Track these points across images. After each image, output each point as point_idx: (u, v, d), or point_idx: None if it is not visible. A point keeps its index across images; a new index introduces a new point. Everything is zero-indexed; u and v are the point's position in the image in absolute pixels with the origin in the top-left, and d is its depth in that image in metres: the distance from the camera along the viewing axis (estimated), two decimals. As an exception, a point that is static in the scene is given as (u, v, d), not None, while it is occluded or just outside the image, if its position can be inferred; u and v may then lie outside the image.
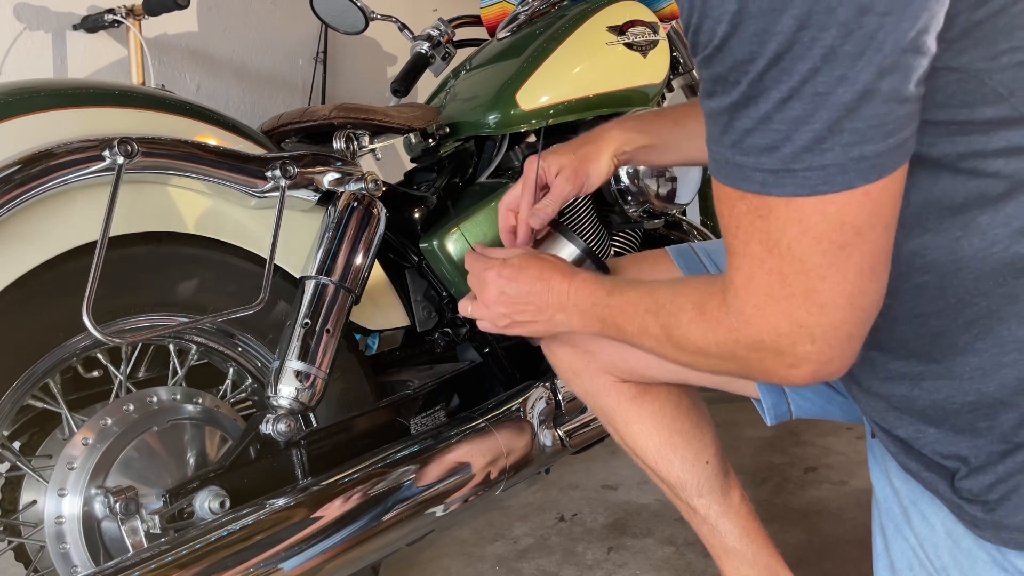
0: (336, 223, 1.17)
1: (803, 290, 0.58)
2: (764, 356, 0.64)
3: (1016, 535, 0.64)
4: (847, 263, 0.57)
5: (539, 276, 0.93)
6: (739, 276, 0.62)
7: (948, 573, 0.71)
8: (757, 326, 0.62)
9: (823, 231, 0.56)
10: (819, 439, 2.11)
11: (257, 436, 1.12)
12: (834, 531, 1.63)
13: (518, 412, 1.38)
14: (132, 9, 1.95)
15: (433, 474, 1.21)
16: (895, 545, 0.78)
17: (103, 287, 0.92)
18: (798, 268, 0.58)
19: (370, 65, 2.82)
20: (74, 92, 1.02)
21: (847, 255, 0.56)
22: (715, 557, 1.18)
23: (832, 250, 0.56)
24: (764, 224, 0.58)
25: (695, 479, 1.13)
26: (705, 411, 1.18)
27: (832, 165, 0.53)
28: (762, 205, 0.57)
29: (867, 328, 0.61)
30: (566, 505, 1.83)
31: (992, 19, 0.53)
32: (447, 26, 1.76)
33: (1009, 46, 0.54)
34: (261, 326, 1.17)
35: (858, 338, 0.61)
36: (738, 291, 0.63)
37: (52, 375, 1.05)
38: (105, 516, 1.03)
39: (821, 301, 0.58)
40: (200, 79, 2.33)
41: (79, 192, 0.99)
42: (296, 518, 1.05)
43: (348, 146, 1.27)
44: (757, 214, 0.58)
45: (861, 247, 0.56)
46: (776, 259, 0.58)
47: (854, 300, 0.59)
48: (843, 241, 0.56)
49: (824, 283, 0.58)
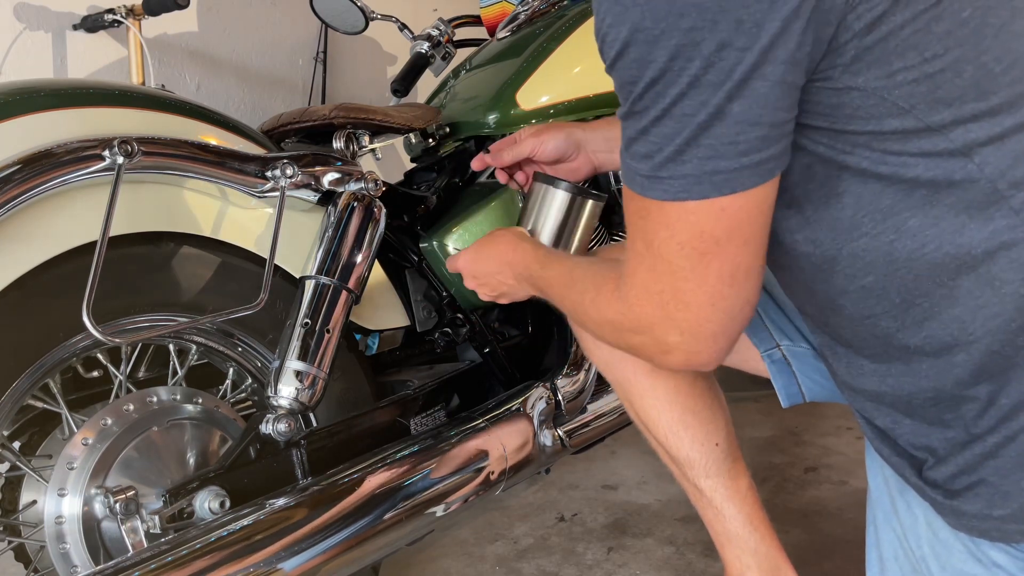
0: (336, 223, 1.17)
1: (671, 288, 0.66)
2: (643, 340, 0.72)
3: (974, 522, 0.67)
4: (707, 269, 0.64)
5: (494, 255, 1.05)
6: (627, 267, 0.71)
7: (927, 563, 0.74)
8: (637, 313, 0.71)
9: (685, 238, 0.64)
10: (819, 439, 2.11)
11: (257, 436, 1.12)
12: (834, 531, 1.63)
13: (518, 412, 1.38)
14: (132, 9, 1.95)
15: (433, 474, 1.21)
16: (883, 535, 0.81)
17: (103, 287, 0.92)
18: (666, 268, 0.66)
19: (370, 65, 2.82)
20: (74, 92, 1.02)
21: (707, 262, 0.64)
22: (718, 545, 1.18)
23: (694, 256, 0.64)
24: (644, 224, 0.66)
25: (704, 458, 1.14)
26: (720, 396, 1.19)
27: (690, 175, 0.60)
28: (643, 207, 0.65)
29: (737, 328, 0.68)
30: (566, 505, 1.83)
31: (882, 43, 0.58)
32: (447, 26, 1.76)
33: (903, 65, 0.58)
34: (261, 326, 1.17)
35: (724, 336, 0.68)
36: (625, 280, 0.71)
37: (52, 375, 1.05)
38: (105, 516, 1.03)
39: (686, 300, 0.66)
40: (200, 79, 2.33)
41: (79, 192, 0.99)
42: (296, 518, 1.05)
43: (348, 146, 1.27)
44: (640, 214, 0.66)
45: (720, 256, 0.64)
46: (651, 257, 0.67)
47: (716, 302, 0.66)
48: (703, 249, 0.64)
49: (688, 284, 0.65)
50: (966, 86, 0.59)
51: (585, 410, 1.48)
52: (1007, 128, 0.60)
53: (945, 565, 0.73)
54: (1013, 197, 0.60)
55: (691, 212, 0.62)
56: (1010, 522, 0.65)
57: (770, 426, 2.22)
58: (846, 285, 0.67)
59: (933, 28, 0.58)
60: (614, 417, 1.54)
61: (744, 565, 1.15)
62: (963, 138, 0.60)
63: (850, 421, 2.14)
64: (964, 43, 0.58)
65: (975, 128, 0.60)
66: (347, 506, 1.09)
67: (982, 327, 0.63)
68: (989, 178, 0.60)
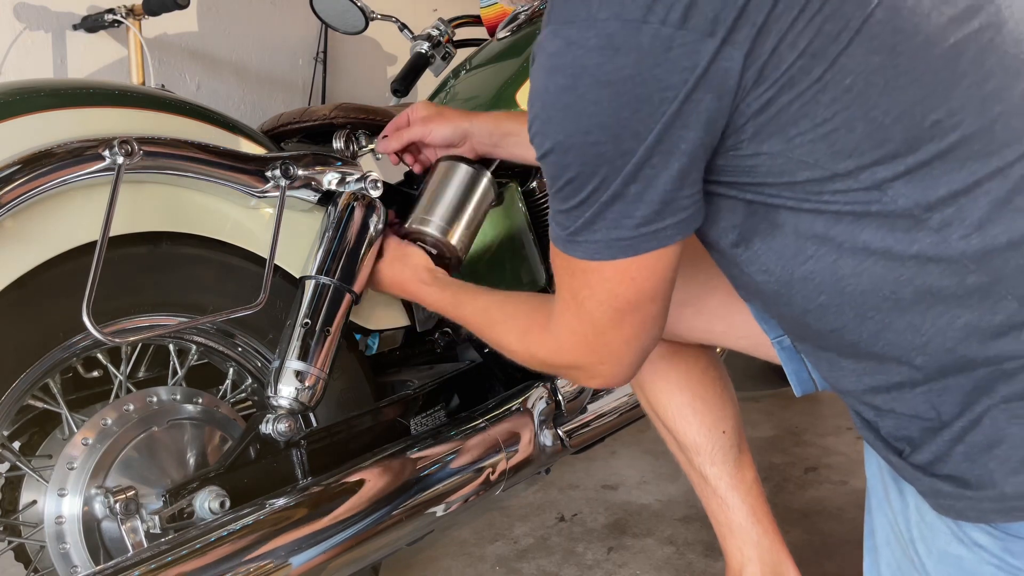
0: (336, 223, 1.17)
1: (594, 333, 0.80)
2: (571, 371, 0.89)
3: (951, 502, 0.71)
4: (623, 322, 0.78)
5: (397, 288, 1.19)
6: (557, 311, 0.84)
7: (916, 546, 0.78)
8: (568, 351, 0.85)
9: (604, 298, 0.76)
10: (819, 439, 2.11)
11: (257, 436, 1.12)
12: (834, 531, 1.63)
13: (518, 412, 1.38)
14: (132, 9, 1.95)
15: (433, 474, 1.21)
16: (877, 521, 0.84)
17: (103, 287, 0.92)
18: (589, 319, 0.79)
19: (370, 65, 2.82)
20: (74, 92, 1.02)
21: (622, 317, 0.78)
22: (720, 537, 1.18)
23: (611, 312, 0.77)
24: (570, 280, 0.79)
25: (710, 445, 1.16)
26: (730, 387, 1.21)
27: (600, 241, 0.72)
28: (567, 263, 0.77)
29: (647, 354, 0.84)
30: (566, 505, 1.83)
31: (776, 118, 0.66)
32: (447, 26, 1.76)
33: (798, 132, 0.66)
34: (261, 326, 1.17)
35: (638, 363, 0.84)
36: (555, 321, 0.85)
37: (52, 375, 1.05)
38: (105, 516, 1.03)
39: (607, 342, 0.81)
40: (200, 79, 2.33)
41: (79, 192, 0.99)
42: (296, 518, 1.05)
43: (348, 146, 1.27)
44: (566, 271, 0.78)
45: (633, 313, 0.77)
46: (577, 307, 0.80)
47: (631, 343, 0.81)
48: (618, 307, 0.77)
49: (607, 333, 0.80)
50: (860, 139, 0.65)
51: (585, 410, 1.48)
52: (910, 166, 0.65)
53: (931, 548, 0.76)
54: (930, 219, 0.66)
55: (606, 277, 0.75)
56: (984, 502, 0.69)
57: (770, 426, 2.22)
58: (805, 305, 0.75)
59: (820, 99, 0.64)
60: (614, 417, 1.54)
61: (745, 557, 1.15)
62: (871, 179, 0.66)
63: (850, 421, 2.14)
64: (851, 105, 0.64)
65: (880, 170, 0.66)
66: (347, 506, 1.09)
67: (932, 326, 0.69)
68: (903, 207, 0.66)
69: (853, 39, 0.63)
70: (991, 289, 0.67)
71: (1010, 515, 0.69)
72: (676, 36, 0.62)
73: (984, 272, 0.66)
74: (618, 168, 0.67)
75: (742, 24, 0.62)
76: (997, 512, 0.69)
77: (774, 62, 0.63)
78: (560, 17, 0.67)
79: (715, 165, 0.71)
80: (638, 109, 0.65)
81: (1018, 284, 0.66)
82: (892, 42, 0.64)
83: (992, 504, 0.69)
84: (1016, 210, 0.65)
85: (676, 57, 0.63)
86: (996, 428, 0.68)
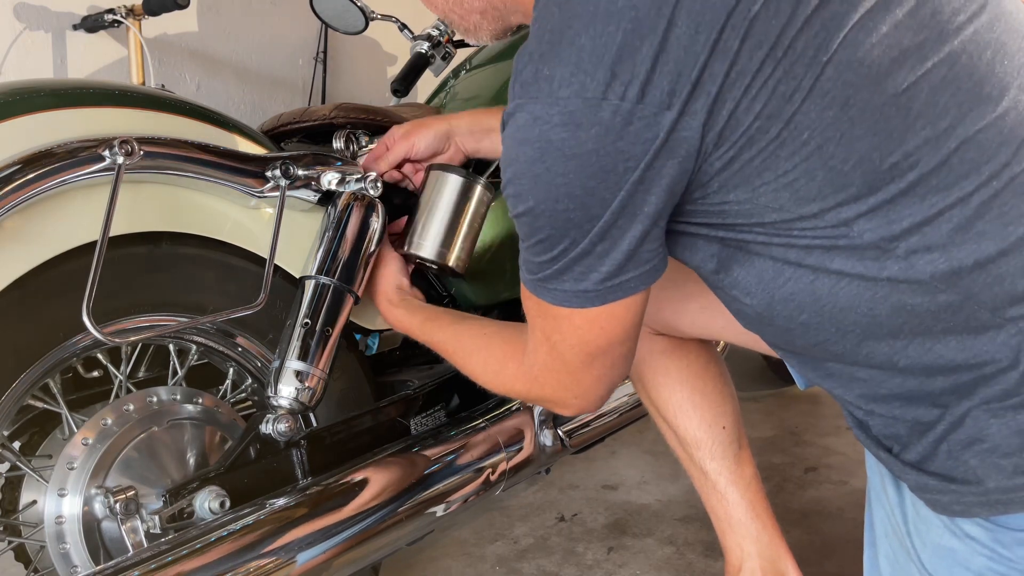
0: (336, 223, 1.17)
1: (567, 372, 0.85)
2: (545, 403, 0.93)
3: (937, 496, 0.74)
4: (593, 363, 0.83)
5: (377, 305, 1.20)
6: (531, 349, 0.88)
7: (911, 539, 0.81)
8: (542, 385, 0.89)
9: (574, 342, 0.81)
10: (819, 439, 2.11)
11: (257, 436, 1.12)
12: (834, 531, 1.63)
13: (518, 412, 1.38)
14: (132, 9, 1.95)
15: (433, 474, 1.21)
16: (876, 513, 0.86)
17: (103, 287, 0.92)
18: (561, 359, 0.84)
19: (370, 65, 2.82)
20: (74, 92, 1.02)
21: (592, 359, 0.82)
22: (720, 533, 1.19)
23: (582, 356, 0.82)
24: (542, 322, 0.83)
25: (710, 440, 1.17)
26: (730, 383, 1.22)
27: (569, 291, 0.76)
28: (539, 306, 0.80)
29: (616, 385, 0.89)
30: (566, 505, 1.83)
31: (739, 172, 0.68)
32: (447, 26, 1.76)
33: (761, 182, 0.68)
34: (261, 326, 1.17)
35: (607, 394, 0.89)
36: (529, 359, 0.89)
37: (52, 375, 1.05)
38: (105, 516, 1.03)
39: (577, 379, 0.85)
40: (200, 79, 2.33)
41: (79, 192, 0.99)
42: (296, 518, 1.05)
43: (348, 146, 1.27)
44: (538, 313, 0.82)
45: (603, 356, 0.82)
46: (548, 347, 0.84)
47: (601, 381, 0.86)
48: (589, 351, 0.81)
49: (578, 373, 0.84)
50: (822, 185, 0.68)
51: (585, 410, 1.48)
52: (872, 205, 0.68)
53: (925, 540, 0.78)
54: (896, 248, 0.69)
55: (576, 324, 0.79)
56: (968, 496, 0.72)
57: (770, 426, 2.22)
58: (788, 324, 0.77)
59: (779, 153, 0.67)
60: (614, 417, 1.54)
61: (745, 553, 1.16)
62: (835, 218, 0.69)
63: (850, 421, 2.14)
64: (809, 157, 0.67)
65: (844, 210, 0.68)
66: (347, 506, 1.09)
67: (911, 336, 0.72)
68: (870, 240, 0.69)
69: (806, 98, 0.65)
70: (963, 304, 0.69)
71: (993, 508, 0.71)
72: (635, 111, 0.65)
73: (954, 291, 0.69)
74: (586, 231, 0.71)
75: (697, 95, 0.65)
76: (981, 506, 0.72)
77: (732, 125, 0.66)
78: (524, 93, 0.70)
79: (684, 209, 0.74)
80: (604, 179, 0.68)
81: (988, 299, 0.69)
82: (844, 96, 0.66)
83: (976, 498, 0.72)
84: (979, 234, 0.68)
85: (636, 131, 0.66)
86: (977, 427, 0.71)
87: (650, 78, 0.64)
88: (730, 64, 0.64)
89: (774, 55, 0.65)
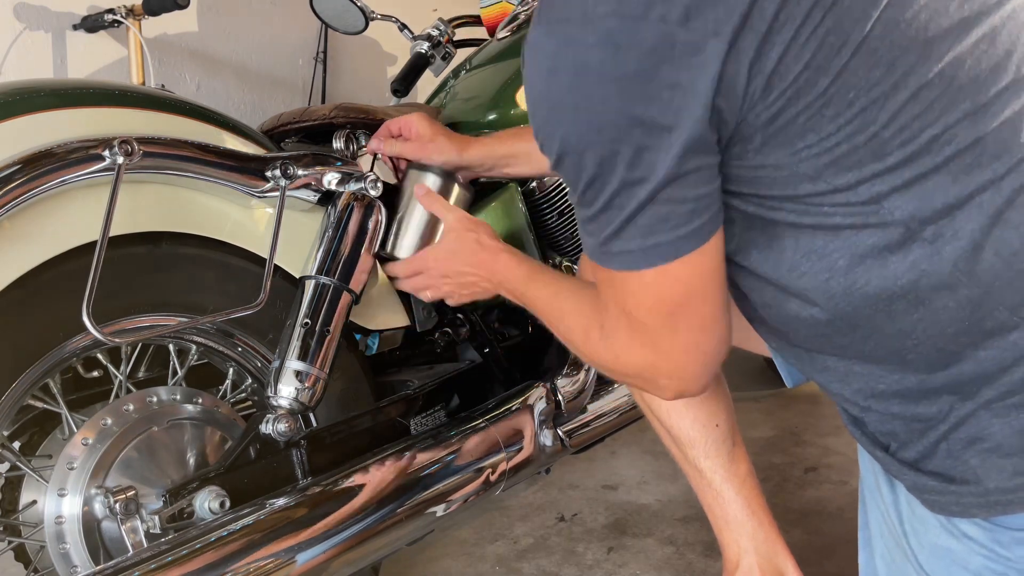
0: (336, 223, 1.17)
1: (649, 342, 0.76)
2: (636, 380, 0.84)
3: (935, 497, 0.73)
4: (676, 326, 0.74)
5: (472, 259, 1.15)
6: (608, 323, 0.80)
7: (908, 539, 0.79)
8: (625, 362, 0.81)
9: (651, 304, 0.73)
10: (819, 439, 2.11)
11: (257, 436, 1.12)
12: (834, 531, 1.63)
13: (518, 412, 1.38)
14: (132, 9, 1.95)
15: (433, 474, 1.21)
16: (871, 513, 0.87)
17: (103, 287, 0.92)
18: (640, 328, 0.75)
19: (370, 65, 2.82)
20: (74, 92, 1.02)
21: (675, 321, 0.74)
22: (716, 530, 1.19)
23: (662, 317, 0.73)
24: (613, 292, 0.76)
25: (704, 438, 1.16)
26: (723, 380, 1.21)
27: (636, 250, 0.69)
28: (607, 276, 0.74)
29: (717, 363, 0.78)
30: (566, 505, 1.83)
31: (783, 130, 0.66)
32: (447, 26, 1.76)
33: (804, 144, 0.66)
34: (261, 326, 1.17)
35: (706, 373, 0.78)
36: (608, 334, 0.81)
37: (52, 375, 1.05)
38: (105, 516, 1.03)
39: (665, 351, 0.76)
40: (200, 79, 2.33)
41: (79, 192, 0.99)
42: (296, 518, 1.05)
43: (348, 146, 1.27)
44: (607, 283, 0.76)
45: (685, 314, 0.73)
46: (626, 318, 0.76)
47: (690, 350, 0.76)
48: (668, 311, 0.73)
49: (663, 340, 0.75)
50: (863, 153, 0.66)
51: (585, 410, 1.48)
52: (907, 179, 0.66)
53: (922, 540, 0.78)
54: (924, 230, 0.67)
55: (648, 282, 0.71)
56: (967, 496, 0.71)
57: (770, 426, 2.22)
58: (799, 312, 0.75)
59: (825, 113, 0.65)
60: (614, 417, 1.54)
61: (742, 549, 1.16)
62: (869, 192, 0.67)
63: (850, 421, 2.14)
64: (853, 120, 0.65)
65: (878, 183, 0.67)
66: (347, 506, 1.09)
67: (923, 333, 0.70)
68: (899, 220, 0.67)
69: (855, 54, 0.64)
70: (983, 300, 0.68)
71: (992, 509, 0.70)
72: (679, 33, 0.61)
73: (976, 284, 0.67)
74: (644, 170, 0.65)
75: (746, 31, 0.61)
76: (980, 507, 0.71)
77: (780, 73, 0.63)
78: (553, 15, 0.65)
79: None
80: (648, 105, 0.63)
81: (1008, 295, 0.67)
82: (891, 56, 0.64)
83: (974, 499, 0.71)
84: (1006, 223, 0.66)
85: (681, 55, 0.61)
86: (979, 427, 0.70)
87: (695, 3, 0.61)
88: (780, 5, 0.61)
89: (823, 3, 0.62)
